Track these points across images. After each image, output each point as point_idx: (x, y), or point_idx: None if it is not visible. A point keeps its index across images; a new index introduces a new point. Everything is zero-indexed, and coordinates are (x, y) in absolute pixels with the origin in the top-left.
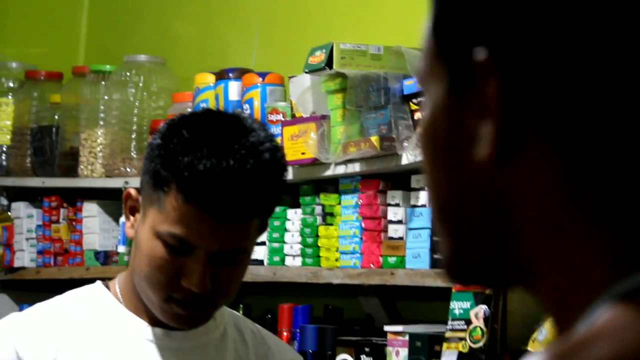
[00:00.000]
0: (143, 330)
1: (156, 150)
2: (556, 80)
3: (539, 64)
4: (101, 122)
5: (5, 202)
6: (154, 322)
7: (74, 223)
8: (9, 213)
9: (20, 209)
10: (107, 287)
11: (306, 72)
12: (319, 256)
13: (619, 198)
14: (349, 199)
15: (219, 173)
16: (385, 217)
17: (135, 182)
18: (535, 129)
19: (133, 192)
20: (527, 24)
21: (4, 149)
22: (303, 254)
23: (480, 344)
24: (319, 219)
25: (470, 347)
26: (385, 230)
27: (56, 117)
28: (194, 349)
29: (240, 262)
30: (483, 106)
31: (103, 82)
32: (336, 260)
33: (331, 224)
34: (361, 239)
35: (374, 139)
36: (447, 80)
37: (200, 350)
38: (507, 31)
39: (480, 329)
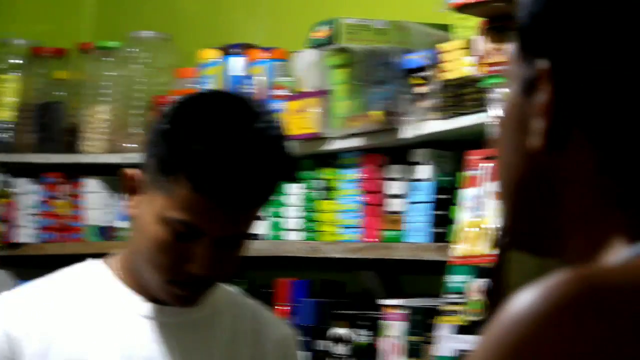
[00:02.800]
0: (137, 306)
1: (162, 136)
2: (597, 92)
3: (586, 78)
4: (104, 99)
5: (6, 178)
6: (150, 297)
7: (75, 199)
8: (10, 189)
9: (22, 184)
10: (105, 263)
11: (310, 47)
12: (319, 230)
13: (635, 187)
14: (350, 174)
15: (230, 163)
16: (385, 191)
17: (137, 158)
18: (578, 129)
19: (134, 172)
20: (580, 45)
21: (9, 125)
22: (303, 229)
23: (477, 317)
24: (319, 193)
25: (467, 320)
26: (386, 204)
27: (61, 93)
28: (188, 325)
29: (241, 245)
30: (540, 106)
31: (107, 58)
32: (336, 234)
33: (331, 198)
34: (361, 213)
35: (376, 113)
36: (521, 81)
37: (194, 325)
38: (564, 48)
39: (478, 302)
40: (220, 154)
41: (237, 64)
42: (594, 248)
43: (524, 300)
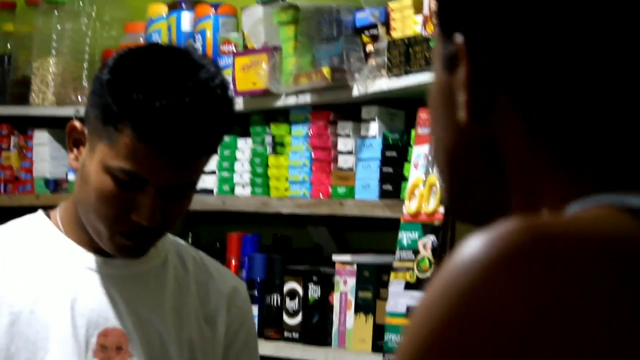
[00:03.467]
0: (83, 258)
1: (106, 86)
2: (511, 57)
3: (500, 45)
4: (53, 52)
5: None
6: (94, 250)
7: (24, 151)
8: None
9: None
10: (49, 216)
11: (259, 3)
12: (268, 186)
13: (567, 145)
14: (300, 130)
15: (174, 111)
16: (335, 147)
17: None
18: (502, 96)
19: (78, 124)
20: (489, 14)
21: None
22: (253, 184)
23: (428, 274)
24: (269, 149)
25: (417, 277)
26: (335, 161)
27: (9, 46)
28: (134, 277)
29: (187, 195)
30: (460, 79)
31: (56, 12)
32: (285, 190)
33: (281, 154)
34: (311, 169)
35: (325, 70)
36: (443, 57)
37: (140, 277)
38: (475, 19)
39: (428, 259)
40: (163, 102)
41: (185, 19)
42: (537, 207)
43: (470, 248)
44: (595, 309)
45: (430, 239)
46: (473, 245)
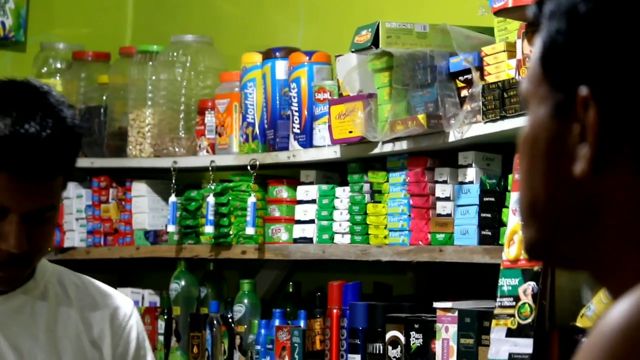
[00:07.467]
0: None
1: None
2: None
3: (632, 99)
4: (149, 102)
5: None
6: None
7: (123, 203)
8: None
9: (70, 189)
10: None
11: (352, 52)
12: (367, 234)
13: None
14: (397, 177)
15: (22, 136)
16: (433, 194)
17: (183, 161)
18: (622, 153)
19: None
20: (622, 70)
21: None
22: (352, 232)
23: (529, 320)
24: (367, 197)
25: (519, 323)
26: (434, 207)
27: (104, 97)
28: (12, 311)
29: (50, 219)
30: (583, 132)
31: (150, 62)
32: (385, 237)
33: (379, 202)
34: (409, 216)
35: (421, 116)
36: (551, 104)
37: (19, 311)
38: (605, 74)
39: (529, 305)
40: (13, 129)
41: (279, 68)
42: None
43: (618, 313)
44: None
45: (530, 285)
46: (619, 311)
